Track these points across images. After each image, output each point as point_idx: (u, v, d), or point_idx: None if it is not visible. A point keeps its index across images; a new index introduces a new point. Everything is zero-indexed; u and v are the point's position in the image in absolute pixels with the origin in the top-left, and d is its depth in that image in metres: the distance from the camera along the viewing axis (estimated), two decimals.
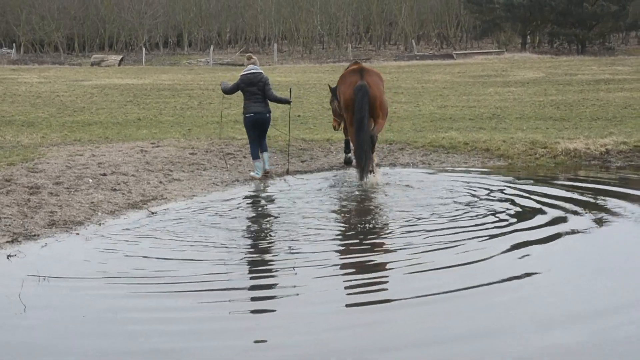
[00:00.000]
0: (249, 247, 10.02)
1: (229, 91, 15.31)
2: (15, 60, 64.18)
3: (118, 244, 10.06)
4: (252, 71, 14.91)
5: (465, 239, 9.94)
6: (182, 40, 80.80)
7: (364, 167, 13.89)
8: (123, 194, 12.73)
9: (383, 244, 10.12)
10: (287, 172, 15.40)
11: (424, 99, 28.69)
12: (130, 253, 9.63)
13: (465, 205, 12.05)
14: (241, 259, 9.42)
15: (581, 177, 14.77)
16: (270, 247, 9.98)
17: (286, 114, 18.35)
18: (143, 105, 27.73)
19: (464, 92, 30.98)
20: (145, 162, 14.85)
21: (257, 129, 15.00)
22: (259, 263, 9.28)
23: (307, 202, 12.64)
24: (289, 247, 9.85)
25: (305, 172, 15.55)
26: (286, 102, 15.47)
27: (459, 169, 15.67)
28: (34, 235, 10.30)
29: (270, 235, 10.53)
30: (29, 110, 25.76)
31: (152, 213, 11.80)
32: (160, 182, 13.71)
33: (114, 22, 78.80)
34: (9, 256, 9.38)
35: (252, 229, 10.96)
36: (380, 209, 12.21)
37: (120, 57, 62.20)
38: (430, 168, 15.86)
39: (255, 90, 14.83)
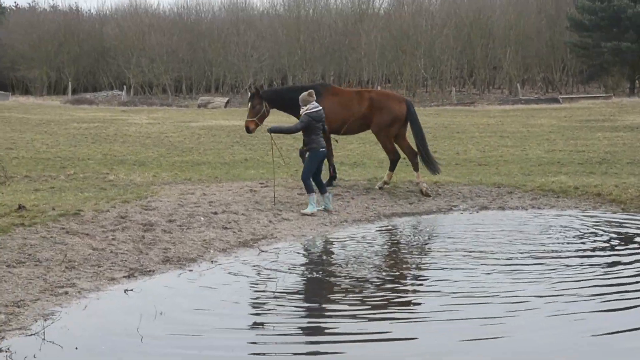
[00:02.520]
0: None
1: (299, 129, 15.02)
2: (125, 101, 65.93)
3: (231, 281, 10.21)
4: (318, 108, 14.99)
5: None
6: (287, 83, 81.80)
7: (435, 163, 17.17)
8: (234, 232, 12.91)
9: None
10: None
11: (530, 143, 28.37)
12: (240, 292, 9.76)
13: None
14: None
15: None
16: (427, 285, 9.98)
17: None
18: (249, 147, 28.13)
19: (571, 137, 30.52)
20: (255, 202, 15.03)
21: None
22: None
23: (432, 244, 12.76)
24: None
25: (413, 214, 15.48)
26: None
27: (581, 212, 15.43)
28: (149, 271, 10.52)
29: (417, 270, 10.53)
30: (139, 150, 26.41)
31: (262, 251, 11.94)
32: (270, 222, 13.84)
33: (220, 65, 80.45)
34: (126, 290, 9.60)
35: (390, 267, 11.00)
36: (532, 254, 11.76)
37: (226, 99, 63.31)
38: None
39: (321, 126, 15.01)
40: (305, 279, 10.51)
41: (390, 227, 14.27)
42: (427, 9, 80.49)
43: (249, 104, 17.09)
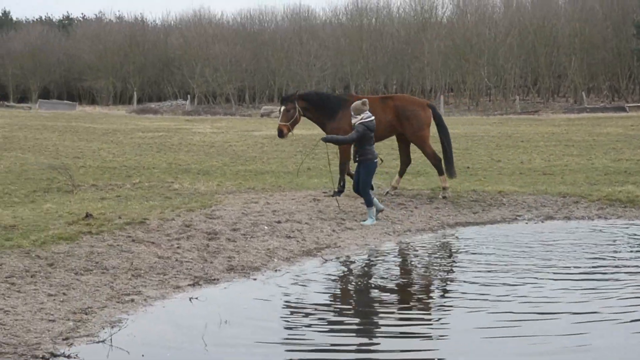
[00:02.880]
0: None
1: (354, 139, 14.72)
2: (189, 111, 66.59)
3: (294, 290, 10.25)
4: (372, 118, 14.77)
5: None
6: (349, 92, 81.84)
7: (454, 167, 17.40)
8: (297, 241, 12.96)
9: None
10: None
11: (597, 152, 27.98)
12: (304, 299, 9.81)
13: None
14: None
15: None
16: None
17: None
18: (312, 155, 28.12)
19: (638, 145, 30.00)
20: (318, 211, 15.06)
21: None
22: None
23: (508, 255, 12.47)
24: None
25: (477, 223, 15.35)
26: None
27: None
28: (214, 280, 10.61)
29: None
30: (203, 159, 26.63)
31: (326, 261, 11.96)
32: (334, 231, 13.86)
33: (283, 74, 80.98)
34: (191, 299, 9.69)
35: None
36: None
37: None
38: None
39: (372, 136, 14.82)
40: (361, 291, 10.45)
41: (453, 238, 14.15)
42: (490, 17, 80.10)
43: (282, 108, 17.15)
